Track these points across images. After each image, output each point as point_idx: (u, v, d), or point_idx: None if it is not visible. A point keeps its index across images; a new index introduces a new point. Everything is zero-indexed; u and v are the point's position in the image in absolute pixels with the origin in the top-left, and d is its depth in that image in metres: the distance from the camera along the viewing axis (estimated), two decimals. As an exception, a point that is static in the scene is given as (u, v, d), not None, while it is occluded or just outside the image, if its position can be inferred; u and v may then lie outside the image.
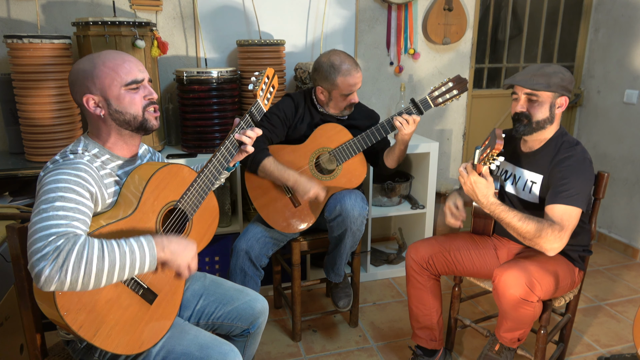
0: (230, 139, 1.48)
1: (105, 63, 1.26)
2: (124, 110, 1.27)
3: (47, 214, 1.07)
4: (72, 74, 1.28)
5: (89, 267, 1.04)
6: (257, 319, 1.56)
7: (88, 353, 1.29)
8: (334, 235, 2.05)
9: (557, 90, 1.70)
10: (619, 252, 3.27)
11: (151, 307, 1.29)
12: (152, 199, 1.29)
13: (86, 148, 1.27)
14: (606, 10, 3.30)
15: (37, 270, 1.01)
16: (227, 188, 2.55)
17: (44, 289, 1.02)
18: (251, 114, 1.55)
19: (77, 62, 1.29)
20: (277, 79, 1.70)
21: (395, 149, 2.07)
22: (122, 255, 1.09)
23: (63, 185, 1.13)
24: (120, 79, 1.26)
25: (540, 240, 1.60)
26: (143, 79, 1.31)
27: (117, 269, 1.08)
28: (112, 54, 1.29)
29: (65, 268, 1.01)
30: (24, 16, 2.37)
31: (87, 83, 1.25)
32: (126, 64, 1.28)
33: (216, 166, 1.44)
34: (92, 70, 1.25)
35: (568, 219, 1.63)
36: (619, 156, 3.26)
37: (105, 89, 1.25)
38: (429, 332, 2.00)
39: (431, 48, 3.10)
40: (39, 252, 1.02)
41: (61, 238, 1.04)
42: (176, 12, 2.59)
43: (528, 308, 1.63)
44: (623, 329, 2.41)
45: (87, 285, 1.05)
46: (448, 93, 2.01)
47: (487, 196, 1.62)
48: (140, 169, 1.32)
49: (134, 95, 1.28)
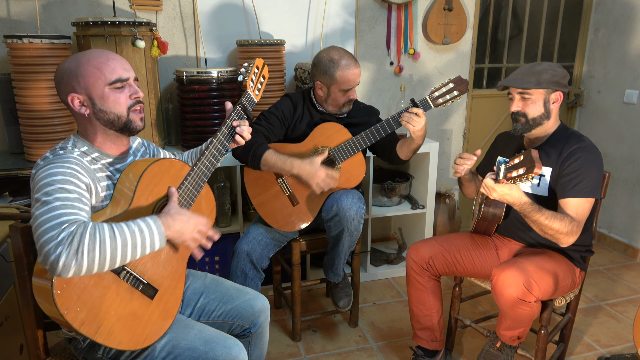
0: (222, 130, 1.48)
1: (90, 62, 1.25)
2: (108, 110, 1.27)
3: (53, 204, 1.09)
4: (58, 73, 1.27)
5: (103, 247, 1.06)
6: (257, 317, 1.55)
7: (91, 351, 1.30)
8: (331, 235, 2.05)
9: (548, 86, 1.72)
10: (619, 252, 3.27)
11: (152, 302, 1.29)
12: (146, 194, 1.29)
13: (75, 145, 1.28)
14: (606, 10, 3.30)
15: (53, 258, 1.02)
16: (227, 188, 2.54)
17: (62, 275, 1.03)
18: (242, 104, 1.54)
19: (63, 62, 1.29)
20: (267, 69, 1.69)
21: (412, 144, 2.04)
22: (132, 234, 1.12)
23: (60, 178, 1.14)
24: (104, 78, 1.25)
25: (560, 236, 1.64)
26: (128, 78, 1.30)
27: (129, 248, 1.11)
28: (96, 52, 1.28)
29: (81, 251, 1.03)
30: (23, 16, 2.37)
31: (72, 82, 1.25)
32: (110, 62, 1.27)
33: (210, 158, 1.44)
34: (77, 69, 1.25)
35: (582, 212, 1.67)
36: (619, 156, 3.26)
37: (90, 87, 1.25)
38: (429, 333, 2.00)
39: (431, 48, 3.10)
40: (54, 240, 1.03)
41: (73, 225, 1.06)
42: (176, 12, 2.58)
43: (525, 308, 1.64)
44: (623, 329, 2.41)
45: (103, 266, 1.07)
46: (448, 94, 2.00)
47: (519, 198, 1.60)
48: (133, 166, 1.32)
49: (118, 94, 1.27)
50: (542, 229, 1.65)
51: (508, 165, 1.54)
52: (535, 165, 1.43)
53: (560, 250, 1.81)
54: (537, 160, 1.44)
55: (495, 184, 1.56)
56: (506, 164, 1.55)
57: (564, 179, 1.71)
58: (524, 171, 1.47)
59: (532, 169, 1.44)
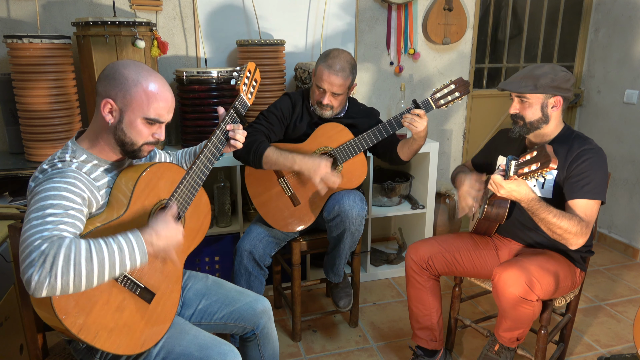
0: (217, 135, 1.47)
1: (147, 89, 1.24)
2: (128, 134, 1.27)
3: (37, 221, 1.07)
4: (114, 72, 1.25)
5: (77, 268, 1.02)
6: (259, 319, 1.56)
7: (89, 353, 1.29)
8: (332, 236, 2.05)
9: (546, 91, 1.70)
10: (619, 252, 3.27)
11: (150, 306, 1.29)
12: (142, 198, 1.29)
13: (74, 155, 1.26)
14: (606, 10, 3.30)
15: (26, 278, 1.00)
16: (227, 188, 2.54)
17: (35, 295, 1.00)
18: (235, 108, 1.54)
19: (127, 64, 1.26)
20: (259, 73, 1.70)
21: (414, 144, 2.03)
22: (111, 253, 1.08)
23: (53, 193, 1.12)
24: (146, 110, 1.25)
25: (569, 236, 1.62)
26: (164, 122, 1.31)
27: (107, 268, 1.07)
28: (159, 82, 1.27)
29: (54, 272, 0.99)
30: (23, 16, 2.37)
31: (118, 90, 1.24)
32: (162, 101, 1.27)
33: (204, 162, 1.43)
34: (132, 84, 1.24)
35: (591, 214, 1.66)
36: (619, 156, 3.26)
37: (128, 108, 1.24)
38: (429, 333, 2.00)
39: (431, 48, 3.10)
40: (27, 260, 1.01)
41: (45, 242, 1.02)
42: (176, 12, 2.58)
43: (527, 307, 1.63)
44: (623, 329, 2.41)
45: (79, 287, 1.03)
46: (450, 95, 1.99)
47: (527, 194, 1.57)
48: (128, 170, 1.32)
49: (145, 128, 1.28)
50: (550, 228, 1.63)
51: (519, 162, 1.50)
52: (550, 160, 1.39)
53: (560, 251, 1.81)
54: (553, 155, 1.40)
55: (503, 181, 1.54)
56: (516, 160, 1.51)
57: (572, 180, 1.69)
58: (537, 166, 1.43)
59: (547, 164, 1.40)
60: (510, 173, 1.52)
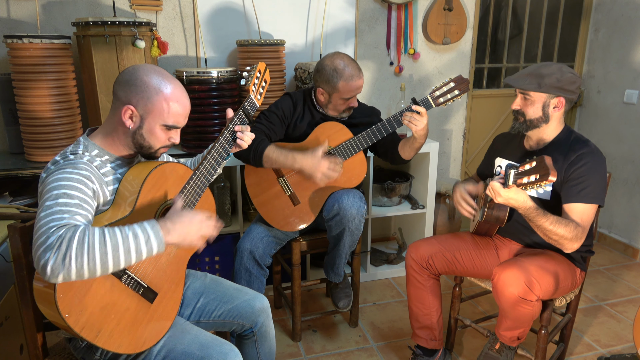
0: (225, 135, 1.48)
1: (168, 98, 1.28)
2: (147, 139, 1.31)
3: (52, 209, 1.09)
4: (135, 78, 1.27)
5: (91, 252, 1.04)
6: (257, 317, 1.56)
7: (89, 352, 1.30)
8: (332, 235, 2.05)
9: (549, 91, 1.69)
10: (619, 252, 3.27)
11: (152, 305, 1.29)
12: (149, 198, 1.29)
13: (86, 149, 1.29)
14: (606, 10, 3.30)
15: (42, 262, 1.01)
16: (227, 188, 2.54)
17: (51, 280, 1.02)
18: (244, 109, 1.55)
19: (148, 71, 1.28)
20: (269, 73, 1.70)
21: (415, 143, 2.04)
22: (125, 238, 1.10)
23: (66, 184, 1.14)
24: (165, 117, 1.29)
25: (565, 242, 1.63)
26: (181, 127, 1.35)
27: (121, 253, 1.08)
28: (178, 90, 1.32)
29: (69, 256, 1.01)
30: (23, 16, 2.37)
31: (139, 97, 1.26)
32: (181, 108, 1.31)
33: (212, 163, 1.45)
34: (154, 94, 1.27)
35: (587, 218, 1.66)
36: (619, 156, 3.26)
37: (148, 115, 1.28)
38: (428, 332, 2.00)
39: (431, 48, 3.10)
40: (43, 244, 1.02)
41: (62, 228, 1.05)
42: (176, 12, 2.59)
43: (527, 307, 1.63)
44: (623, 329, 2.41)
45: (94, 272, 1.05)
46: (449, 93, 2.00)
47: (525, 202, 1.58)
48: (134, 168, 1.33)
49: (162, 133, 1.32)
50: (547, 234, 1.64)
51: (518, 171, 1.50)
52: (549, 173, 1.39)
53: (560, 251, 1.81)
54: (552, 167, 1.40)
55: (502, 189, 1.54)
56: (516, 169, 1.51)
57: (570, 184, 1.69)
58: (536, 178, 1.44)
59: (546, 177, 1.40)
60: (509, 182, 1.52)
